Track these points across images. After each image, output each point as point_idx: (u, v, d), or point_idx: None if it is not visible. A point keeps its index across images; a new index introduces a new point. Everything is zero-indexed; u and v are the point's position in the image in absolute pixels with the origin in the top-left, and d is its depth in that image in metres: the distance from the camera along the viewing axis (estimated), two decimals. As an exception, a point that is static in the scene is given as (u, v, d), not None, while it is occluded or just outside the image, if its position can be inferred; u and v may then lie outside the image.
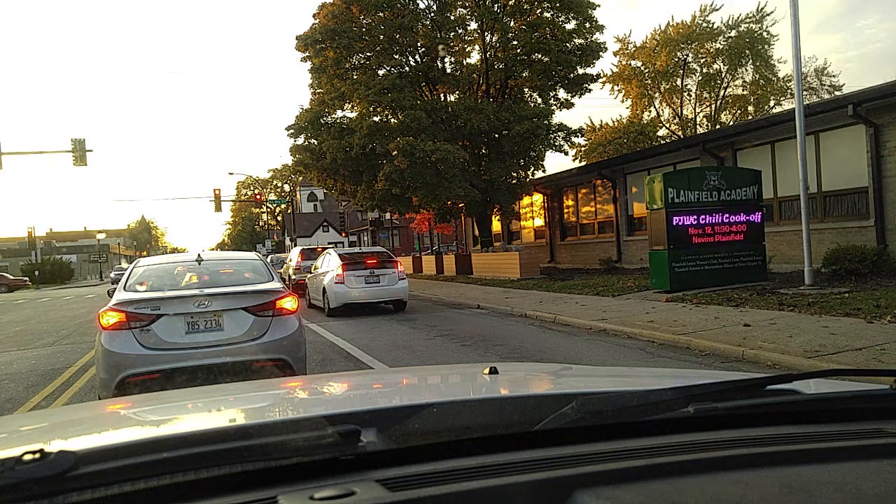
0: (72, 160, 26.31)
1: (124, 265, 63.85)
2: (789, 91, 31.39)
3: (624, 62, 33.44)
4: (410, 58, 23.26)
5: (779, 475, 0.92)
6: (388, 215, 38.38)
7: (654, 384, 1.72)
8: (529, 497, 0.86)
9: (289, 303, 5.90)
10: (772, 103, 32.71)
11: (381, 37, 22.42)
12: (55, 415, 2.50)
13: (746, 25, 31.29)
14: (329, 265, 14.31)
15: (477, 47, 23.87)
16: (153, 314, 5.44)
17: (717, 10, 46.34)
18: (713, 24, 31.96)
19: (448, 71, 23.33)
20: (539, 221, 26.03)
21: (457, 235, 33.79)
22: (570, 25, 22.37)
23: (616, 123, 34.21)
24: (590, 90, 23.57)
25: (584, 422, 1.03)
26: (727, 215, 12.03)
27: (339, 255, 14.50)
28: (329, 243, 44.30)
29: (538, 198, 25.66)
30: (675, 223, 11.68)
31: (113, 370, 5.29)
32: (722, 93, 32.98)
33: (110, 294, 6.01)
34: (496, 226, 27.01)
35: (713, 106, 33.21)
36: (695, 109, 33.82)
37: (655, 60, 32.32)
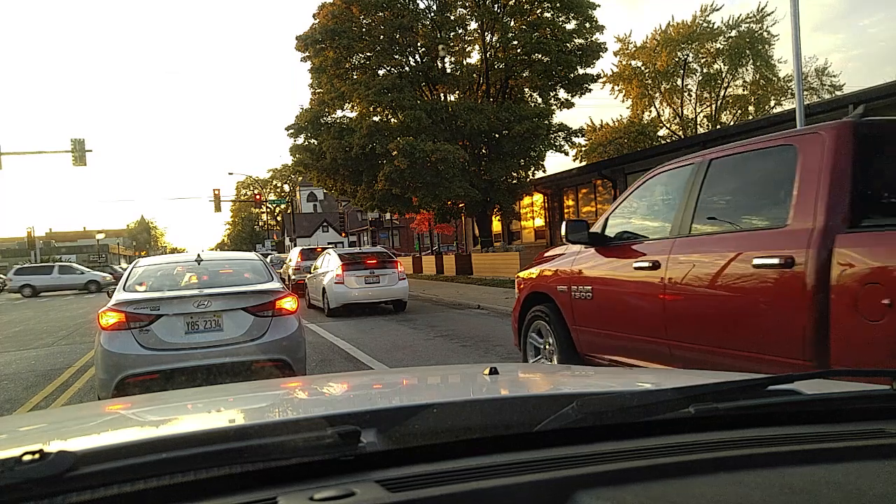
0: (71, 160, 26.33)
1: (124, 265, 63.91)
2: (790, 91, 31.41)
3: (624, 62, 33.50)
4: (410, 58, 23.28)
5: (780, 475, 0.91)
6: (388, 215, 38.42)
7: (654, 384, 1.72)
8: (530, 497, 0.86)
9: (288, 303, 5.89)
10: (772, 103, 32.75)
11: (381, 37, 22.44)
12: (54, 415, 2.50)
13: (747, 25, 31.35)
14: (329, 265, 14.31)
15: (477, 47, 23.91)
16: (153, 314, 5.42)
17: (718, 9, 46.45)
18: (713, 24, 32.05)
19: (448, 71, 23.36)
20: (539, 221, 26.04)
21: (457, 235, 33.81)
22: (571, 25, 22.41)
23: (616, 123, 34.25)
24: (590, 90, 23.63)
25: (584, 422, 1.03)
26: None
27: (338, 255, 14.50)
28: (329, 243, 44.31)
29: (538, 198, 25.67)
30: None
31: (112, 370, 5.26)
32: (722, 93, 33.02)
33: (109, 294, 6.01)
34: (496, 226, 27.04)
35: (713, 106, 33.24)
36: (695, 109, 33.87)
37: (656, 60, 32.35)
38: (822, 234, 3.13)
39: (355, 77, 22.57)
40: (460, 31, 23.56)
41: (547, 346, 5.37)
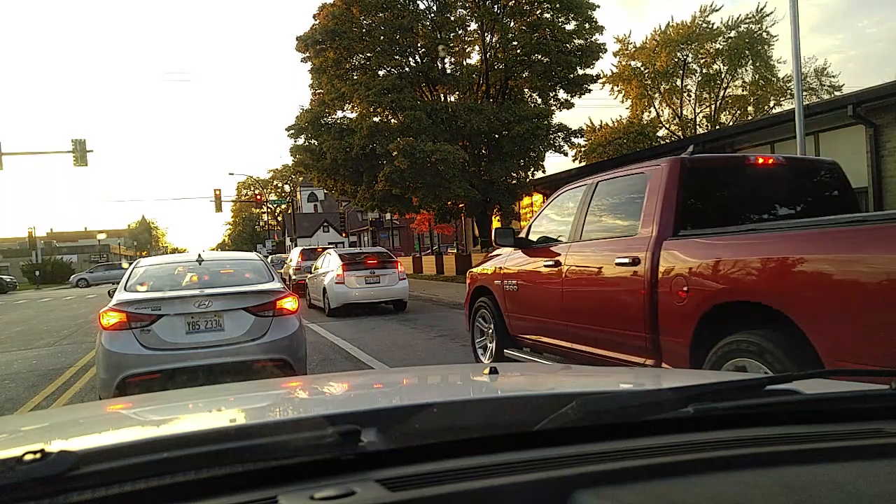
0: (72, 160, 26.33)
1: (125, 266, 63.75)
2: (789, 91, 31.38)
3: (624, 63, 33.44)
4: (410, 58, 23.27)
5: (778, 475, 0.92)
6: (388, 216, 38.40)
7: (654, 384, 1.72)
8: (529, 497, 0.86)
9: (289, 303, 5.89)
10: (771, 104, 32.71)
11: (382, 38, 22.43)
12: (56, 415, 2.50)
13: (746, 26, 31.31)
14: (329, 265, 14.32)
15: (477, 48, 23.90)
16: (154, 314, 5.43)
17: (717, 10, 46.36)
18: (713, 24, 31.98)
19: (448, 71, 23.35)
20: (539, 222, 26.01)
21: (457, 236, 33.79)
22: (570, 26, 22.39)
23: (616, 124, 34.20)
24: (589, 91, 23.61)
25: (583, 422, 1.03)
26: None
27: (339, 255, 14.51)
28: (329, 243, 44.28)
29: (538, 198, 25.63)
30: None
31: (113, 370, 5.27)
32: (722, 93, 32.98)
33: (111, 294, 6.01)
34: (496, 226, 27.03)
35: (713, 106, 33.21)
36: (694, 110, 33.83)
37: (655, 61, 32.32)
38: (656, 240, 4.20)
39: (355, 77, 22.56)
40: (460, 32, 23.54)
41: (489, 330, 6.62)
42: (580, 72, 22.76)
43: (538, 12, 22.39)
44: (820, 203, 4.71)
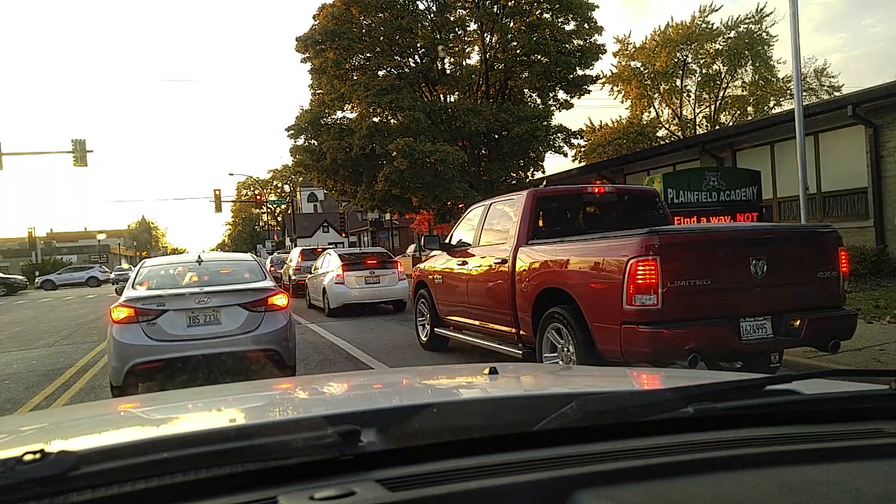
0: (72, 161, 26.29)
1: (125, 266, 63.85)
2: (789, 92, 31.37)
3: (623, 63, 33.44)
4: (410, 59, 23.26)
5: (778, 475, 0.92)
6: (388, 216, 38.40)
7: (653, 385, 1.72)
8: (529, 497, 0.86)
9: (279, 299, 6.46)
10: (771, 104, 32.71)
11: (381, 38, 22.41)
12: (56, 415, 2.50)
13: (746, 26, 31.31)
14: (329, 265, 14.31)
15: (476, 48, 23.87)
16: (158, 309, 6.02)
17: (717, 10, 46.27)
18: (713, 24, 31.97)
19: (447, 72, 23.34)
20: (539, 222, 25.98)
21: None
22: (570, 27, 22.38)
23: (615, 124, 34.21)
24: (589, 91, 23.57)
25: (583, 422, 1.03)
26: (727, 216, 12.01)
27: (339, 255, 14.51)
28: (329, 244, 44.23)
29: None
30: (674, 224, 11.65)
31: (123, 359, 5.86)
32: (721, 93, 32.97)
33: (118, 292, 6.63)
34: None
35: (713, 106, 33.21)
36: (694, 110, 33.83)
37: (655, 61, 32.32)
38: (515, 247, 6.12)
39: (355, 78, 22.53)
40: (460, 33, 23.51)
41: (427, 314, 8.53)
42: (580, 72, 22.74)
43: (538, 13, 22.37)
44: (639, 219, 6.18)
